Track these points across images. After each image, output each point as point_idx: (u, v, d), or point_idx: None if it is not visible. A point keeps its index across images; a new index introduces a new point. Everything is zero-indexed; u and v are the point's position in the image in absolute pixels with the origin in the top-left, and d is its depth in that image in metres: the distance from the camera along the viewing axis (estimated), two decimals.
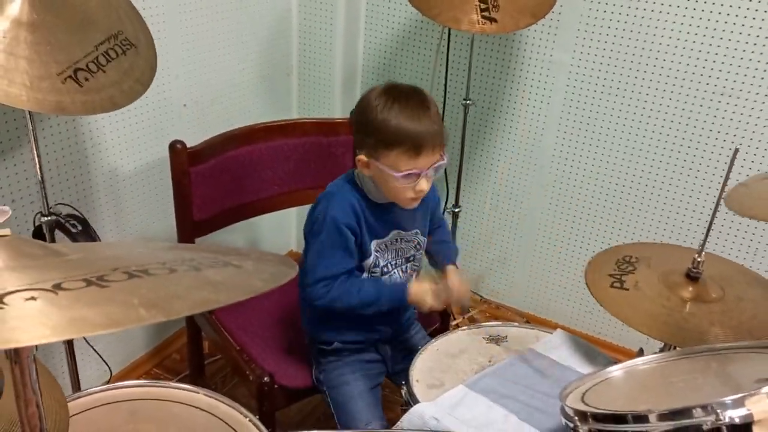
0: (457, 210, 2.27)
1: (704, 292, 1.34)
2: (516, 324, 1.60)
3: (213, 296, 0.51)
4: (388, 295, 1.44)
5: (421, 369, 1.42)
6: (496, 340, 1.52)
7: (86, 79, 1.23)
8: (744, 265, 1.50)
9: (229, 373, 2.20)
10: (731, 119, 1.97)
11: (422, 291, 1.42)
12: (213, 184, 1.79)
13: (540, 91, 2.24)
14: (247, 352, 1.70)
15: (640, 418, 0.87)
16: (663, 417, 0.86)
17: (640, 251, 1.52)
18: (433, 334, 1.63)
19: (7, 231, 0.56)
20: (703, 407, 0.84)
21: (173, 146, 1.68)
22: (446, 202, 2.30)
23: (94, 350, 1.76)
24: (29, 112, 1.37)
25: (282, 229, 2.66)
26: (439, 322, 1.84)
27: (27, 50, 1.18)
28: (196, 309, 0.49)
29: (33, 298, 0.45)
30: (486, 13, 1.78)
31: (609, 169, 2.21)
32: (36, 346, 0.55)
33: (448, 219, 2.24)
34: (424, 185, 1.36)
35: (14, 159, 1.63)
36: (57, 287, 0.46)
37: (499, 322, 1.61)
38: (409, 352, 1.51)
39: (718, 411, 0.83)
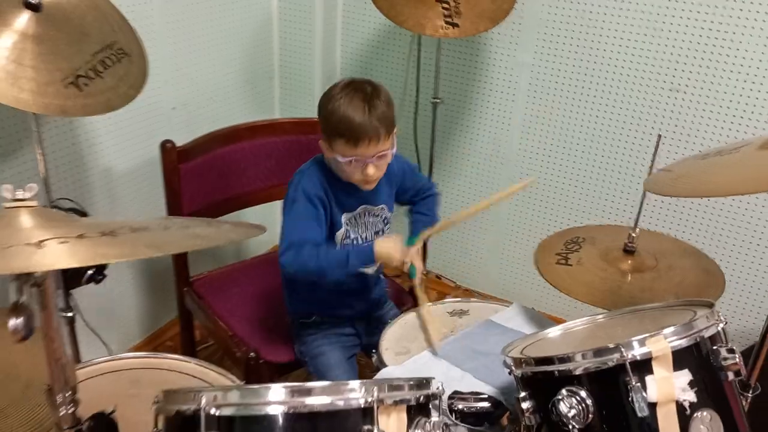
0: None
1: (640, 264, 1.52)
2: (476, 299, 1.76)
3: (197, 242, 0.67)
4: (356, 253, 1.54)
5: (389, 339, 1.58)
6: (458, 313, 1.68)
7: (86, 85, 1.39)
8: (677, 237, 1.67)
9: (219, 358, 2.35)
10: (669, 109, 2.15)
11: (387, 246, 1.52)
12: (200, 180, 1.93)
13: (505, 89, 2.41)
14: (234, 332, 1.86)
15: (561, 360, 1.04)
16: (580, 357, 1.03)
17: (587, 232, 1.69)
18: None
19: (34, 202, 0.72)
20: (613, 348, 1.01)
21: (164, 145, 1.83)
22: None
23: (95, 333, 1.91)
24: (35, 114, 1.53)
25: (267, 224, 2.81)
26: (411, 303, 2.00)
27: (33, 60, 1.34)
28: (184, 249, 0.65)
29: (65, 241, 0.60)
30: (449, 19, 1.95)
31: (569, 160, 2.38)
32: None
33: None
34: (370, 170, 1.50)
35: (19, 158, 1.79)
36: (80, 237, 0.62)
37: (462, 298, 1.77)
38: (382, 327, 1.66)
39: (623, 349, 0.99)
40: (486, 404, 1.33)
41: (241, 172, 2.05)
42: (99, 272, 1.67)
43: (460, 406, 1.31)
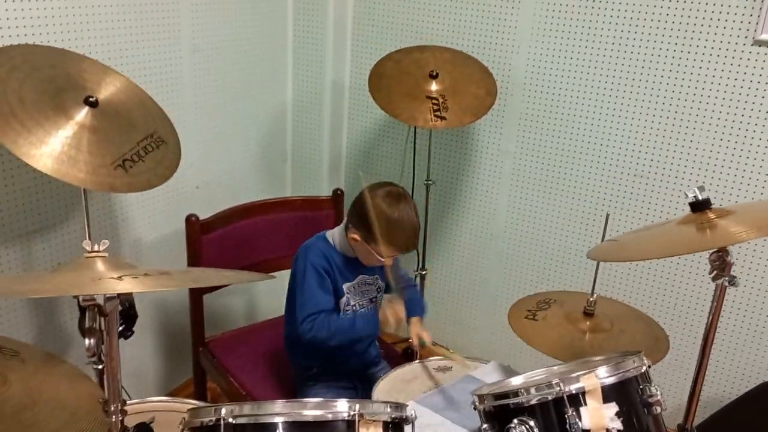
0: (423, 272, 2.69)
1: (597, 325, 1.75)
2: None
3: (227, 279, 0.92)
4: (363, 319, 1.83)
5: (381, 390, 1.79)
6: (443, 369, 1.90)
7: (131, 167, 1.67)
8: (632, 303, 1.91)
9: None
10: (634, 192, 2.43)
11: (388, 312, 1.79)
12: (220, 249, 2.19)
13: (491, 174, 2.70)
14: (244, 387, 2.07)
15: (514, 394, 1.26)
16: (530, 390, 1.25)
17: (559, 296, 1.92)
18: None
19: (106, 253, 0.98)
20: (554, 383, 1.23)
21: (189, 219, 2.10)
22: (416, 266, 2.72)
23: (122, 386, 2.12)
24: (84, 191, 1.81)
25: (276, 294, 3.04)
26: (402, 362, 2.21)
27: (89, 146, 1.63)
28: (219, 283, 0.89)
29: (135, 277, 0.86)
30: (438, 113, 2.26)
31: (548, 235, 2.64)
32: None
33: (417, 280, 2.66)
34: (390, 261, 1.81)
35: (63, 229, 2.07)
36: (146, 275, 0.87)
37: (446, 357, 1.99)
38: (374, 383, 1.88)
39: (561, 384, 1.22)
40: None
41: (255, 244, 2.29)
42: (128, 328, 1.90)
43: None
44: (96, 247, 0.97)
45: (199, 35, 2.38)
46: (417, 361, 1.94)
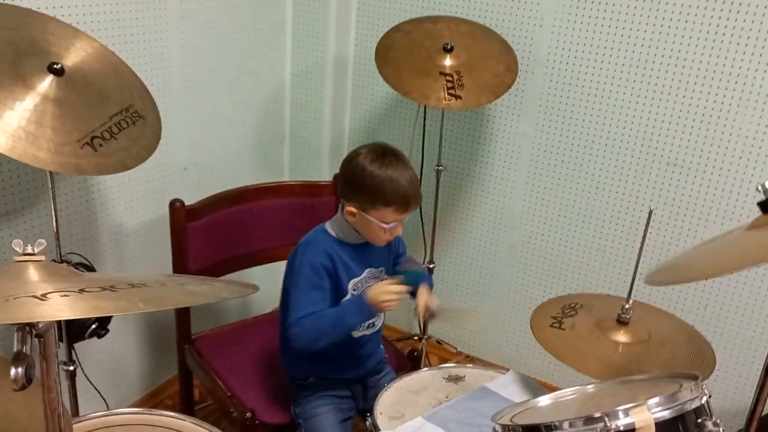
0: (432, 266, 2.47)
1: (632, 335, 1.53)
2: (473, 366, 1.77)
3: (190, 298, 0.71)
4: (350, 306, 1.58)
5: (384, 403, 1.59)
6: (454, 379, 1.69)
7: (100, 145, 1.46)
8: (674, 311, 1.69)
9: (217, 418, 2.35)
10: (675, 185, 2.20)
11: (377, 291, 1.53)
12: (207, 238, 1.99)
13: (507, 159, 2.48)
14: (231, 391, 1.87)
15: (548, 428, 1.05)
16: (567, 425, 1.04)
17: (585, 300, 1.71)
18: None
19: (42, 257, 0.77)
20: (598, 417, 1.02)
21: (173, 204, 1.89)
22: (423, 258, 2.51)
23: (95, 387, 1.92)
24: (50, 173, 1.60)
25: (270, 286, 2.84)
26: (410, 368, 2.01)
27: (53, 121, 1.41)
28: (178, 305, 0.68)
29: (66, 295, 0.65)
30: (452, 91, 2.03)
31: (569, 229, 2.42)
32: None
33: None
34: (399, 230, 1.61)
35: (33, 213, 1.85)
36: (81, 290, 0.67)
37: (459, 364, 1.78)
38: (378, 392, 1.67)
39: (607, 419, 1.01)
40: None
41: (247, 232, 2.10)
42: (102, 327, 1.70)
43: None
44: (29, 248, 0.75)
45: (188, 1, 2.15)
46: (425, 368, 1.74)
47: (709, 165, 2.12)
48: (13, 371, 0.69)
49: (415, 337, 2.66)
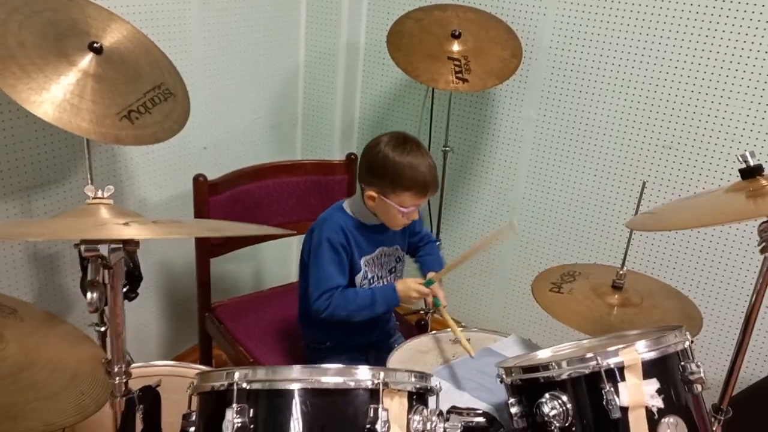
0: (438, 243, 2.59)
1: (626, 300, 1.65)
2: (477, 329, 1.90)
3: (242, 230, 0.83)
4: (381, 296, 1.72)
5: (395, 362, 1.70)
6: (459, 341, 1.81)
7: (137, 119, 1.58)
8: (664, 278, 1.81)
9: None
10: (668, 164, 2.32)
11: (406, 288, 1.71)
12: (227, 212, 2.09)
13: (511, 141, 2.60)
14: (251, 353, 2.00)
15: (545, 367, 1.18)
16: (563, 364, 1.17)
17: (583, 268, 1.83)
18: None
19: (111, 201, 0.89)
20: (590, 357, 1.15)
21: (197, 179, 2.00)
22: None
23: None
24: (87, 147, 1.72)
25: (284, 261, 2.97)
26: (417, 333, 2.13)
27: (93, 95, 1.53)
28: (234, 234, 0.81)
29: (144, 224, 0.77)
30: (459, 75, 2.15)
31: (569, 206, 2.54)
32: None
33: None
34: (415, 215, 1.72)
35: (66, 184, 1.98)
36: (155, 222, 0.78)
37: (465, 328, 1.90)
38: (387, 354, 1.79)
39: (599, 358, 1.13)
40: (481, 419, 1.45)
41: (264, 208, 2.21)
42: (132, 290, 1.82)
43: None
44: (99, 193, 0.87)
45: None
46: (433, 332, 1.86)
47: (702, 148, 2.24)
48: (89, 296, 0.81)
49: (422, 311, 2.78)
